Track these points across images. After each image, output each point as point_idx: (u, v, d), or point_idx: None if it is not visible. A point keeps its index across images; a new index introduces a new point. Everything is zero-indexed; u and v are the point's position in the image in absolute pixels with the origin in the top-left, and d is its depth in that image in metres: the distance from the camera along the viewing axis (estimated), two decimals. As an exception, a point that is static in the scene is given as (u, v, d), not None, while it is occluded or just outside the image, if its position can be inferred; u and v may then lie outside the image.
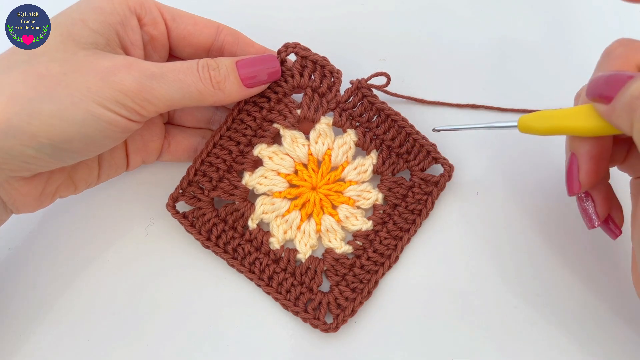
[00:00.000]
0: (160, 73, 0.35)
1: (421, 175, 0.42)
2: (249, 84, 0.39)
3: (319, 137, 0.42)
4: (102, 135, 0.34)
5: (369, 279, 0.42)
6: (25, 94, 0.32)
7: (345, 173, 0.42)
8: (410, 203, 0.42)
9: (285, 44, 0.42)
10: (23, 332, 0.41)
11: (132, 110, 0.35)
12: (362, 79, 0.42)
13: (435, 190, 0.42)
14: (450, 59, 0.48)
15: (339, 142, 0.42)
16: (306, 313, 0.41)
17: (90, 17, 0.35)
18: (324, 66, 0.42)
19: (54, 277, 0.43)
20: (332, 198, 0.43)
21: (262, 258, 0.42)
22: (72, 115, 0.32)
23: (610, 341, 0.41)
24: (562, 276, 0.42)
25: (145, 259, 0.43)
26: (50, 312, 0.42)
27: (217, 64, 0.38)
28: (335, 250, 0.42)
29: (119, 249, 0.43)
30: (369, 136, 0.42)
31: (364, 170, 0.42)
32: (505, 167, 0.45)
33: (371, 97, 0.42)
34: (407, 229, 0.42)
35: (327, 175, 0.43)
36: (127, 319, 0.42)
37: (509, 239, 0.43)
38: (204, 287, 0.43)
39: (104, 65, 0.34)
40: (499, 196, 0.44)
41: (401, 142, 0.43)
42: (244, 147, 0.42)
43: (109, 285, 0.43)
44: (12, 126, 0.31)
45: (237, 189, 0.42)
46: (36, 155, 0.33)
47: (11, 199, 0.36)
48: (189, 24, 0.40)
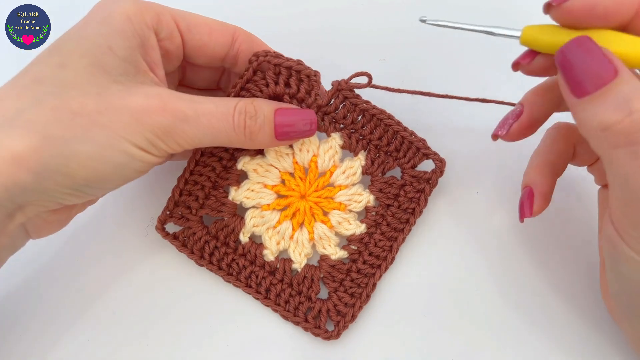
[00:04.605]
0: (194, 116, 0.34)
1: (412, 172, 0.41)
2: (281, 135, 0.38)
3: (303, 145, 0.41)
4: (133, 171, 0.34)
5: (366, 283, 0.41)
6: (60, 134, 0.31)
7: (334, 178, 0.41)
8: (403, 202, 0.41)
9: (255, 53, 0.39)
10: (22, 332, 0.41)
11: (161, 149, 0.34)
12: (342, 80, 0.40)
13: (427, 187, 0.41)
14: (450, 58, 0.47)
15: (324, 147, 0.41)
16: (307, 322, 0.41)
17: (117, 44, 0.33)
18: (299, 71, 0.40)
19: (53, 277, 0.43)
20: (322, 205, 0.42)
21: (257, 271, 0.41)
22: (110, 156, 0.32)
23: (610, 341, 0.40)
24: (562, 276, 0.42)
25: (145, 259, 0.43)
26: (50, 312, 0.42)
27: (256, 111, 0.36)
28: (331, 257, 0.41)
29: (118, 249, 0.43)
30: (355, 137, 0.41)
31: (352, 172, 0.41)
32: (504, 166, 0.44)
33: (353, 98, 0.40)
34: (401, 229, 0.41)
35: (316, 182, 0.41)
36: (127, 319, 0.42)
37: (507, 238, 0.43)
38: (203, 287, 0.42)
39: (137, 104, 0.33)
40: (496, 194, 0.44)
41: (389, 140, 0.41)
42: (227, 162, 0.41)
43: (109, 285, 0.43)
44: (48, 168, 0.31)
45: (225, 205, 0.41)
46: (71, 193, 0.33)
47: (36, 227, 0.36)
48: (204, 33, 0.38)
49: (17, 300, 0.42)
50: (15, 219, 0.33)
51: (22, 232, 0.35)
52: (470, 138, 0.44)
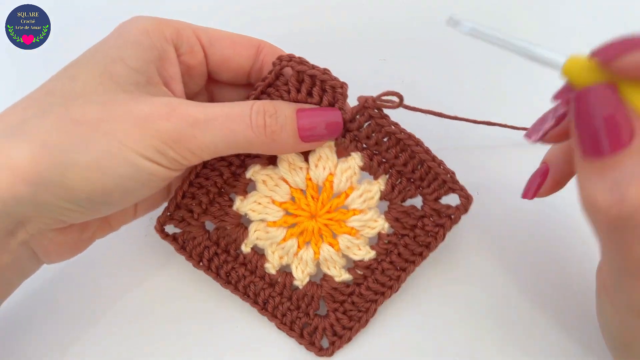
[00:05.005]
0: (205, 119, 0.31)
1: (435, 205, 0.38)
2: (306, 136, 0.34)
3: (319, 161, 0.37)
4: (141, 185, 0.31)
5: (367, 308, 0.40)
6: (58, 143, 0.29)
7: (349, 201, 0.38)
8: (420, 234, 0.38)
9: (279, 57, 0.35)
10: (23, 332, 0.42)
11: (172, 159, 0.31)
12: (369, 97, 0.36)
13: (448, 222, 0.38)
14: (451, 58, 0.46)
15: (342, 167, 0.37)
16: (302, 338, 0.40)
17: (129, 54, 0.32)
18: (324, 81, 0.35)
19: (53, 277, 0.43)
20: (332, 227, 0.39)
21: (257, 282, 0.40)
22: (110, 166, 0.30)
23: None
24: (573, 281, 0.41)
25: (145, 259, 0.43)
26: (49, 312, 0.42)
27: (276, 109, 0.33)
28: (335, 279, 0.39)
29: (118, 249, 0.43)
30: (377, 160, 0.37)
31: (370, 197, 0.38)
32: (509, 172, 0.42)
33: (379, 118, 0.36)
34: (413, 260, 0.39)
35: (329, 202, 0.38)
36: (127, 320, 0.42)
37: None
38: (203, 288, 0.42)
39: (143, 111, 0.30)
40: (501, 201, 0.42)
41: (414, 167, 0.37)
42: (236, 169, 0.38)
43: (109, 286, 0.42)
44: (45, 179, 0.29)
45: (228, 215, 0.38)
46: (72, 209, 0.30)
47: (44, 249, 0.34)
48: (227, 47, 0.36)
49: (14, 300, 0.40)
50: (16, 236, 0.31)
51: (27, 252, 0.33)
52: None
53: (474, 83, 0.44)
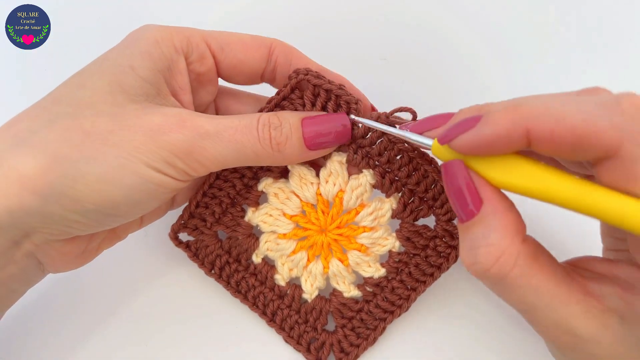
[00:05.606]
0: (215, 132, 0.32)
1: (447, 226, 0.37)
2: (313, 144, 0.34)
3: (330, 177, 0.37)
4: (148, 197, 0.32)
5: (376, 326, 0.39)
6: (69, 155, 0.29)
7: (359, 218, 0.37)
8: (431, 255, 0.37)
9: (296, 70, 0.35)
10: (22, 332, 0.42)
11: (181, 171, 0.32)
12: (382, 113, 0.35)
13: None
14: (451, 58, 0.46)
15: (353, 184, 0.37)
16: (309, 353, 0.40)
17: (139, 64, 0.32)
18: (339, 96, 0.35)
19: (52, 277, 0.42)
20: (342, 243, 0.38)
21: (266, 293, 0.40)
22: (120, 178, 0.30)
23: None
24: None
25: (144, 259, 0.43)
26: (49, 312, 0.43)
27: (280, 121, 0.33)
28: (343, 294, 0.39)
29: (118, 250, 0.41)
30: (389, 178, 0.36)
31: (381, 215, 0.37)
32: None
33: (392, 136, 0.35)
34: (424, 280, 0.38)
35: (339, 218, 0.38)
36: (126, 320, 0.42)
37: None
38: (203, 288, 0.42)
39: (154, 122, 0.31)
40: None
41: (427, 186, 0.36)
42: (249, 181, 0.38)
43: (108, 286, 0.43)
44: (55, 191, 0.29)
45: (240, 225, 0.39)
46: (78, 220, 0.31)
47: (49, 259, 0.33)
48: (238, 50, 0.35)
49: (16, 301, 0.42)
50: (22, 247, 0.32)
51: (33, 263, 0.33)
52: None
53: (475, 83, 0.44)
